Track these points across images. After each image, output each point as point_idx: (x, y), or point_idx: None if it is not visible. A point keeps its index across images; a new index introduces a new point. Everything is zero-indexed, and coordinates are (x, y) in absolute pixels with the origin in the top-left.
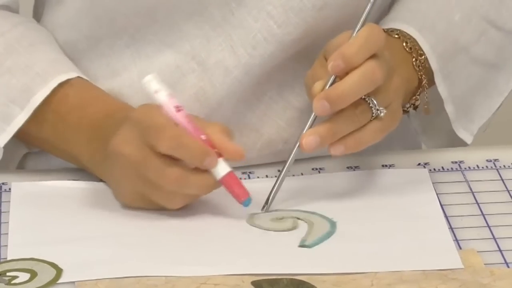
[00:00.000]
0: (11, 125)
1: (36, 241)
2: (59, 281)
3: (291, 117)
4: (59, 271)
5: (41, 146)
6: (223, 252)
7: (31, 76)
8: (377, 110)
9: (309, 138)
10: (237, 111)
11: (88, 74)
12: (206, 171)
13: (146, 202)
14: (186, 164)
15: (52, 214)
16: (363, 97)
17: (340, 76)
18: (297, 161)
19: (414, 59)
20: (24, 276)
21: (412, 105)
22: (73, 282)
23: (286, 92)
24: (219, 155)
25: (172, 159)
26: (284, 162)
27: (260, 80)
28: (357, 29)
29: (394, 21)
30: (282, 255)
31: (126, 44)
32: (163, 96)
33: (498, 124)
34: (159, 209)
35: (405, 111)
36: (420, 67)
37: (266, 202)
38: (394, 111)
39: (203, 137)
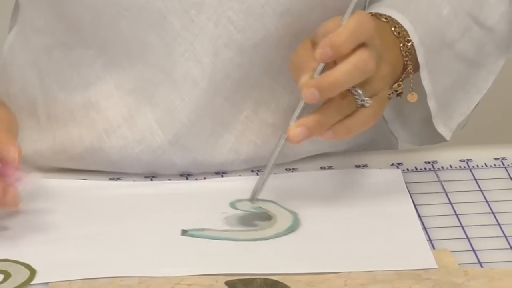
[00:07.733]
0: None
1: (9, 242)
2: (33, 282)
3: (266, 135)
4: (33, 272)
5: None
6: (196, 253)
7: None
8: (362, 100)
9: (297, 130)
10: (214, 132)
11: (62, 83)
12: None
13: None
14: None
15: (25, 215)
16: (349, 87)
17: (328, 64)
18: None
19: (401, 44)
20: None
21: (394, 91)
22: (47, 283)
23: (262, 110)
24: None
25: None
26: (271, 154)
27: (229, 93)
28: (346, 17)
29: (387, 8)
30: (255, 256)
31: (97, 54)
32: None
33: (471, 124)
34: None
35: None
36: (407, 53)
37: (253, 193)
38: (383, 99)
39: None
